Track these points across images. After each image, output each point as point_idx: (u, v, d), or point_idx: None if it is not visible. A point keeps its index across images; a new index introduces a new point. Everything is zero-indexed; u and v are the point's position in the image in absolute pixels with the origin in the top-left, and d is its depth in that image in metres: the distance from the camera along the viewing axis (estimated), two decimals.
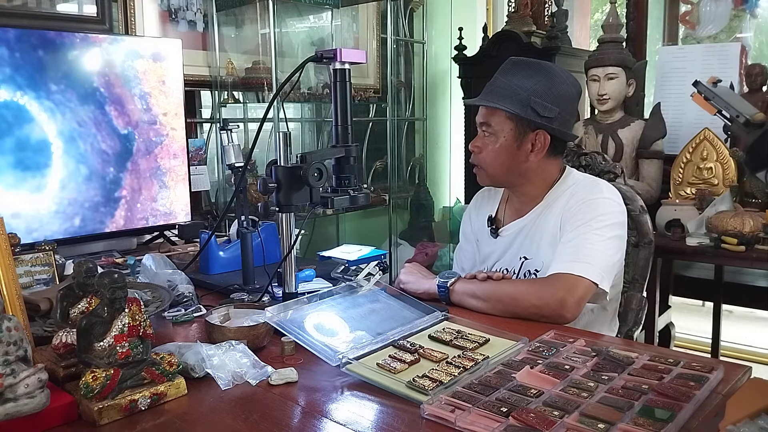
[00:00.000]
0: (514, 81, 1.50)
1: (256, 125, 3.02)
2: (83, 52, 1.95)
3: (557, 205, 1.53)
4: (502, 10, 3.67)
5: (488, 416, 0.89)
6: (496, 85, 1.52)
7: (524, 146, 1.51)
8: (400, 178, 3.88)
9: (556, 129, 1.50)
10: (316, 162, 1.32)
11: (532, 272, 1.54)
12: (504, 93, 1.49)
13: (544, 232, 1.53)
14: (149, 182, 2.13)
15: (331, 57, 1.36)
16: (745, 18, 2.86)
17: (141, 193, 2.11)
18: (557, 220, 1.51)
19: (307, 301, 1.28)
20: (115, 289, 0.96)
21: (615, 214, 1.48)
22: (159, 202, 2.17)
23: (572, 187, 1.54)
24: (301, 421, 0.95)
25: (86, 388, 0.92)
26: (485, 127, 1.53)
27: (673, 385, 0.98)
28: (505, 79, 1.51)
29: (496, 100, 1.50)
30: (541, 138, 1.51)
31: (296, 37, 3.43)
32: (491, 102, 1.50)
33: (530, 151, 1.51)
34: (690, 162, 2.42)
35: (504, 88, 1.50)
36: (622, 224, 1.50)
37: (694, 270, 2.97)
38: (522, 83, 1.48)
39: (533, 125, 1.49)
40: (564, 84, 1.51)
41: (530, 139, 1.51)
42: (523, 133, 1.50)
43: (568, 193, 1.53)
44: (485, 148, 1.54)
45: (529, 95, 1.47)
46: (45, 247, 1.49)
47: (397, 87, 3.89)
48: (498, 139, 1.51)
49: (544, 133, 1.50)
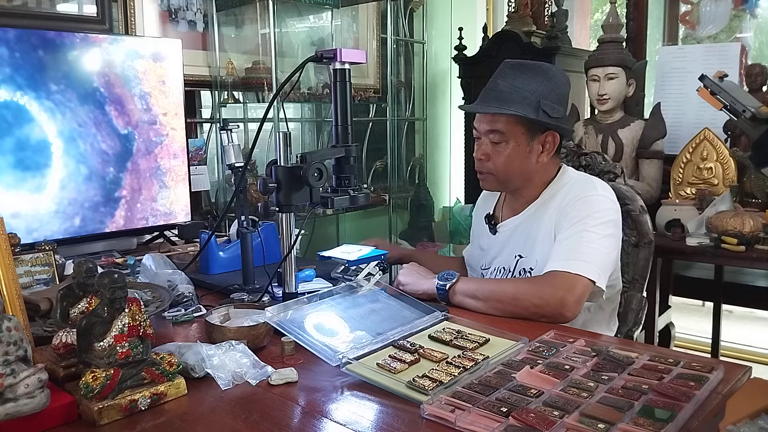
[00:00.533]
0: (517, 84, 1.49)
1: (256, 125, 3.02)
2: (83, 52, 1.95)
3: (552, 204, 1.53)
4: (502, 10, 3.67)
5: (488, 416, 0.89)
6: (500, 90, 1.50)
7: (535, 148, 1.52)
8: (400, 178, 3.88)
9: (565, 128, 1.52)
10: (316, 162, 1.32)
11: (526, 270, 1.54)
12: (511, 98, 1.48)
13: (539, 230, 1.53)
14: (149, 182, 2.13)
15: (331, 57, 1.36)
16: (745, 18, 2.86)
17: (141, 193, 2.11)
18: (552, 218, 1.51)
19: (307, 301, 1.29)
20: (115, 289, 0.96)
21: (610, 211, 1.49)
22: (159, 202, 2.17)
23: (567, 185, 1.54)
24: (301, 421, 0.95)
25: (86, 388, 0.92)
26: (493, 135, 1.52)
27: (673, 385, 0.98)
28: (507, 84, 1.50)
29: (506, 106, 1.48)
30: (551, 139, 1.52)
31: (296, 37, 3.43)
32: (502, 108, 1.48)
33: (541, 152, 1.52)
34: (690, 162, 2.42)
35: (509, 92, 1.48)
36: (617, 222, 1.50)
37: (694, 270, 2.97)
38: (527, 86, 1.48)
39: (543, 127, 1.50)
40: (562, 83, 1.53)
41: (540, 140, 1.51)
42: (533, 136, 1.51)
43: (563, 191, 1.53)
44: (495, 155, 1.52)
45: (538, 98, 1.47)
46: (45, 247, 1.49)
47: (397, 87, 3.89)
48: (509, 145, 1.51)
49: (554, 133, 1.52)
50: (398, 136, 3.79)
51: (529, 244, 1.55)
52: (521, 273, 1.55)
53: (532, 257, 1.53)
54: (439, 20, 4.05)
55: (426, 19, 4.05)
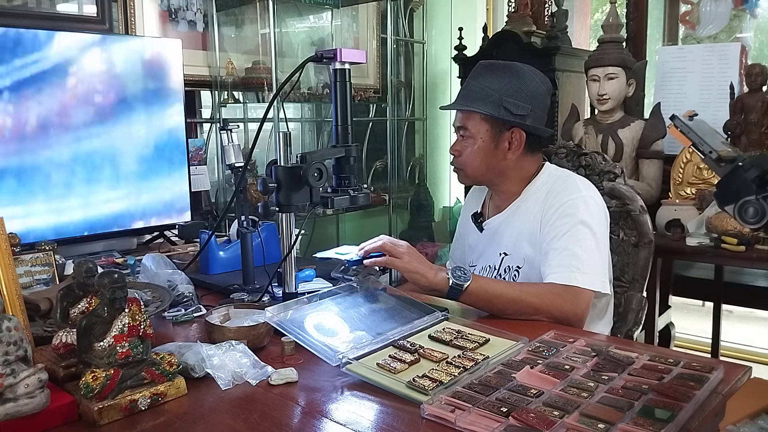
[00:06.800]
0: (485, 83, 1.54)
1: (256, 125, 3.02)
2: (83, 52, 1.95)
3: (533, 201, 1.56)
4: (502, 10, 3.67)
5: (488, 416, 0.89)
6: (469, 89, 1.57)
7: (501, 145, 1.55)
8: (400, 178, 3.88)
9: (530, 126, 1.54)
10: (316, 162, 1.32)
11: (512, 268, 1.56)
12: (476, 96, 1.54)
13: (522, 227, 1.56)
14: (149, 182, 2.13)
15: (331, 57, 1.37)
16: (745, 18, 2.85)
17: (141, 193, 2.11)
18: (536, 216, 1.53)
19: (307, 301, 1.28)
20: (115, 289, 0.96)
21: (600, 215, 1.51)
22: (159, 203, 2.16)
23: (547, 183, 1.56)
24: (301, 421, 0.95)
25: (86, 388, 0.92)
26: (462, 131, 1.58)
27: (673, 385, 0.98)
28: (476, 83, 1.56)
29: (470, 103, 1.54)
30: (517, 136, 1.54)
31: (296, 37, 3.43)
32: (465, 105, 1.55)
33: (507, 149, 1.55)
34: (690, 162, 2.42)
35: (476, 91, 1.54)
36: (607, 222, 1.54)
37: (694, 270, 2.97)
38: (492, 85, 1.53)
39: (508, 124, 1.53)
40: (533, 82, 1.55)
41: (506, 138, 1.55)
42: (498, 132, 1.54)
43: (543, 189, 1.55)
44: (464, 150, 1.58)
45: (501, 95, 1.51)
46: (45, 247, 1.49)
47: (397, 87, 3.89)
48: (476, 141, 1.55)
49: (519, 130, 1.54)
50: (398, 136, 3.79)
51: (512, 242, 1.57)
52: (506, 270, 1.57)
53: (518, 255, 1.55)
54: (439, 20, 4.05)
55: (426, 19, 4.06)
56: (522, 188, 1.60)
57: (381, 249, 1.43)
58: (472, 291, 1.38)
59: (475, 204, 1.75)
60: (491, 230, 1.65)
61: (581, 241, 1.44)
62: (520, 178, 1.60)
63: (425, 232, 3.94)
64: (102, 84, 1.98)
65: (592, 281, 1.42)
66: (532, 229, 1.53)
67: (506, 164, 1.57)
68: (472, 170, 1.59)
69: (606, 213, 1.54)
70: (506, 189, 1.62)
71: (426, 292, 1.46)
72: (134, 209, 2.09)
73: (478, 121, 1.54)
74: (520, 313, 1.38)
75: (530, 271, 1.52)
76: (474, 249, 1.72)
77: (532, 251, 1.52)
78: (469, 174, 1.61)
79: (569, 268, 1.42)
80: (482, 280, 1.42)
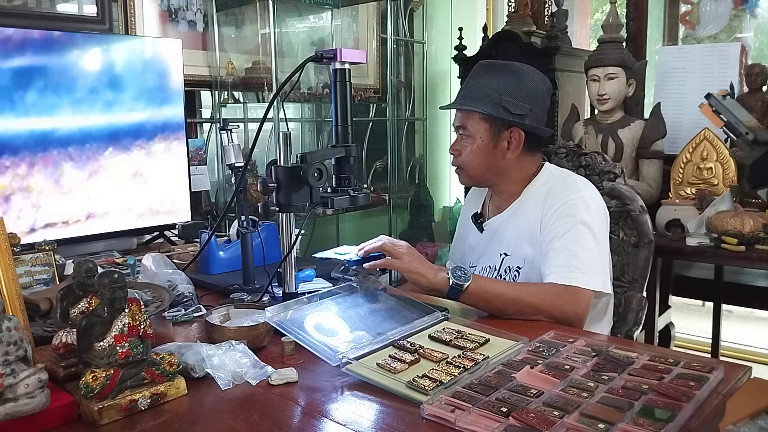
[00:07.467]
0: (484, 83, 1.54)
1: (256, 125, 3.02)
2: (83, 52, 1.95)
3: (534, 201, 1.56)
4: (502, 10, 3.67)
5: (488, 416, 0.89)
6: (468, 88, 1.57)
7: (500, 145, 1.55)
8: (400, 178, 3.88)
9: (529, 125, 1.54)
10: (316, 162, 1.32)
11: (512, 269, 1.56)
12: (475, 95, 1.54)
13: (522, 228, 1.56)
14: (149, 182, 2.13)
15: (331, 57, 1.37)
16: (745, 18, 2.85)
17: (140, 193, 2.11)
18: (536, 216, 1.53)
19: (307, 301, 1.28)
20: (115, 289, 0.96)
21: (600, 214, 1.51)
22: (159, 202, 2.16)
23: (547, 183, 1.57)
24: (301, 421, 0.95)
25: (86, 388, 0.92)
26: (462, 131, 1.58)
27: (673, 385, 0.98)
28: (475, 83, 1.56)
29: (469, 102, 1.55)
30: (516, 135, 1.55)
31: (296, 37, 3.43)
32: (464, 105, 1.56)
33: (506, 149, 1.56)
34: (690, 162, 2.42)
35: (475, 90, 1.55)
36: (607, 222, 1.54)
37: (694, 270, 2.97)
38: (491, 84, 1.53)
39: (506, 124, 1.54)
40: (532, 81, 1.55)
41: (505, 137, 1.55)
42: (497, 132, 1.55)
43: (543, 189, 1.55)
44: (464, 150, 1.58)
45: (500, 95, 1.51)
46: (45, 247, 1.49)
47: (397, 87, 3.89)
48: (475, 141, 1.56)
49: (518, 130, 1.54)
50: (398, 136, 3.79)
51: (513, 242, 1.57)
52: (507, 271, 1.57)
53: (518, 255, 1.55)
54: (439, 20, 4.05)
55: (426, 19, 4.05)
56: (522, 188, 1.60)
57: (381, 249, 1.43)
58: (472, 291, 1.38)
59: (475, 204, 1.75)
60: (491, 231, 1.65)
61: (581, 241, 1.44)
62: (520, 178, 1.60)
63: (425, 232, 3.94)
64: (102, 84, 1.98)
65: (592, 281, 1.42)
66: (532, 229, 1.53)
67: (506, 164, 1.57)
68: (472, 170, 1.59)
69: (606, 213, 1.54)
70: (506, 189, 1.62)
71: (426, 292, 1.46)
72: (134, 209, 2.09)
73: (477, 120, 1.55)
74: (520, 313, 1.38)
75: (530, 272, 1.52)
76: (474, 249, 1.72)
77: (533, 251, 1.52)
78: (469, 174, 1.61)
79: (569, 268, 1.42)
80: (482, 280, 1.42)
